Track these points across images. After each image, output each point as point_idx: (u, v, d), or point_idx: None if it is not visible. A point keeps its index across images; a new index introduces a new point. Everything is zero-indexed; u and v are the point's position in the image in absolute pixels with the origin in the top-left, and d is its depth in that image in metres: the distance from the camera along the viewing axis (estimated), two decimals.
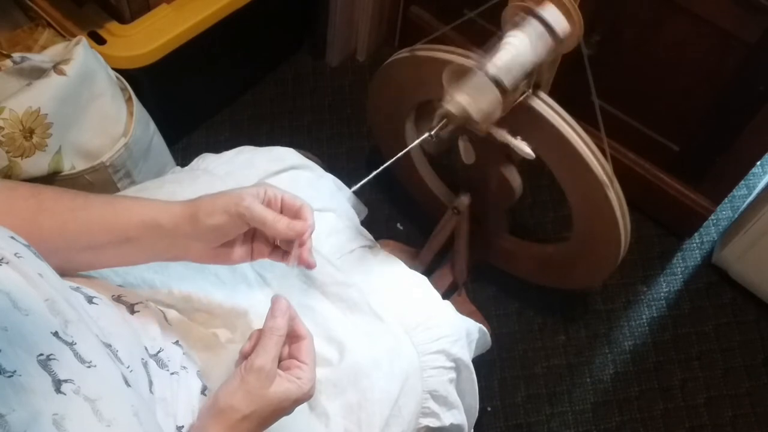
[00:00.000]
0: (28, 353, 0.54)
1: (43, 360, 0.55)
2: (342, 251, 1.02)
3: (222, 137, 1.74)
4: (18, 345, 0.53)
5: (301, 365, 0.71)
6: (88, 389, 0.56)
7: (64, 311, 0.60)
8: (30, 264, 0.60)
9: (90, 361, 0.58)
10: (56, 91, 1.13)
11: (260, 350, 0.69)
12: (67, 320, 0.60)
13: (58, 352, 0.56)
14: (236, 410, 0.67)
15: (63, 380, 0.55)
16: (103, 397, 0.56)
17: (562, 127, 1.07)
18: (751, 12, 1.20)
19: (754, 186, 1.76)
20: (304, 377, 0.70)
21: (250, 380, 0.67)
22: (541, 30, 0.97)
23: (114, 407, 0.57)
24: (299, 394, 0.69)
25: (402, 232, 1.67)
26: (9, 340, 0.53)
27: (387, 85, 1.32)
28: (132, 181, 1.29)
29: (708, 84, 1.37)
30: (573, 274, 1.39)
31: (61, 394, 0.54)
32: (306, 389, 0.70)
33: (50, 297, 0.59)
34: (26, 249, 0.61)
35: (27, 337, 0.55)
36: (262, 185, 0.75)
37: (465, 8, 1.54)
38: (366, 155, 1.75)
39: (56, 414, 0.52)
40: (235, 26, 1.54)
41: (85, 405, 0.55)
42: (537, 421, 1.49)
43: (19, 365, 0.52)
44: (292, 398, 0.69)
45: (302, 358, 0.72)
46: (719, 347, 1.58)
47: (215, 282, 0.90)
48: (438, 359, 0.95)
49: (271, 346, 0.69)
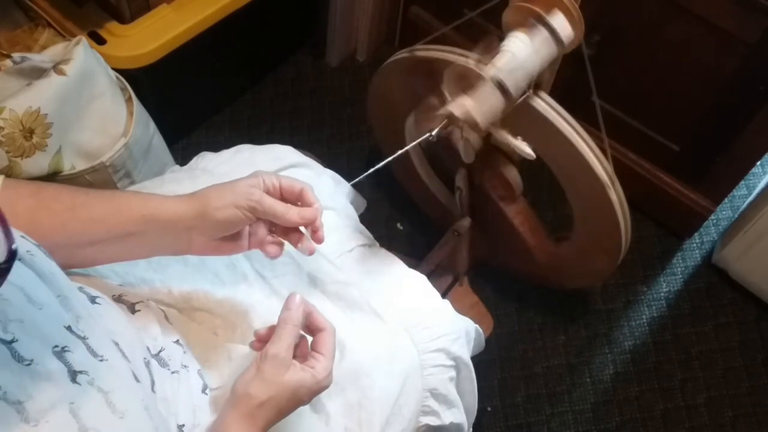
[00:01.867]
0: (43, 344, 0.55)
1: (58, 351, 0.56)
2: (342, 250, 1.02)
3: (222, 137, 1.74)
4: (34, 336, 0.54)
5: (316, 355, 0.72)
6: (101, 381, 0.57)
7: (76, 307, 0.61)
8: (41, 262, 0.61)
9: (102, 356, 0.60)
10: (56, 91, 1.12)
11: (274, 339, 0.70)
12: (79, 316, 0.61)
13: (72, 345, 0.57)
14: (253, 397, 0.68)
15: (78, 371, 0.56)
16: (115, 390, 0.58)
17: (562, 127, 1.06)
18: (751, 12, 1.21)
19: (754, 186, 1.76)
20: (318, 367, 0.71)
21: (265, 368, 0.69)
22: (546, 35, 0.97)
23: (126, 400, 0.58)
24: (312, 383, 0.70)
25: (402, 232, 1.67)
26: (25, 331, 0.54)
27: (387, 85, 1.32)
28: (132, 181, 1.29)
29: (708, 84, 1.37)
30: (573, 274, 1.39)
31: (76, 384, 0.55)
32: (320, 378, 0.71)
33: (62, 293, 0.61)
34: (37, 248, 0.62)
35: (42, 329, 0.56)
36: (258, 174, 0.76)
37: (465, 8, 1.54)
38: (366, 155, 1.75)
39: (72, 403, 0.53)
40: (235, 26, 1.54)
41: (99, 396, 0.56)
42: (537, 421, 1.48)
43: (36, 355, 0.53)
44: (306, 386, 0.70)
45: (318, 349, 0.73)
46: (719, 347, 1.58)
47: (215, 281, 0.90)
48: (438, 357, 0.95)
49: (285, 335, 0.70)
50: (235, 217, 0.73)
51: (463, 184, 1.26)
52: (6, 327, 0.53)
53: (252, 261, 0.93)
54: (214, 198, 0.73)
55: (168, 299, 0.86)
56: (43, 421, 0.51)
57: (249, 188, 0.74)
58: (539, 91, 1.06)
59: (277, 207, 0.74)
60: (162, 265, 0.88)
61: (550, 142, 1.10)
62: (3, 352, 0.52)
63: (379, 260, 1.04)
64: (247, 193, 0.73)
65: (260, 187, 0.75)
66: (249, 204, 0.73)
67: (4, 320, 0.53)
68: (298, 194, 0.77)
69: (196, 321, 0.87)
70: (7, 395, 0.50)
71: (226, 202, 0.73)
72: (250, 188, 0.74)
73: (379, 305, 0.95)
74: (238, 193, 0.73)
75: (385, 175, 0.95)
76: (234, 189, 0.74)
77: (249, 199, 0.73)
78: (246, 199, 0.73)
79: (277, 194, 0.76)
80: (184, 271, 0.89)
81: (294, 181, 0.77)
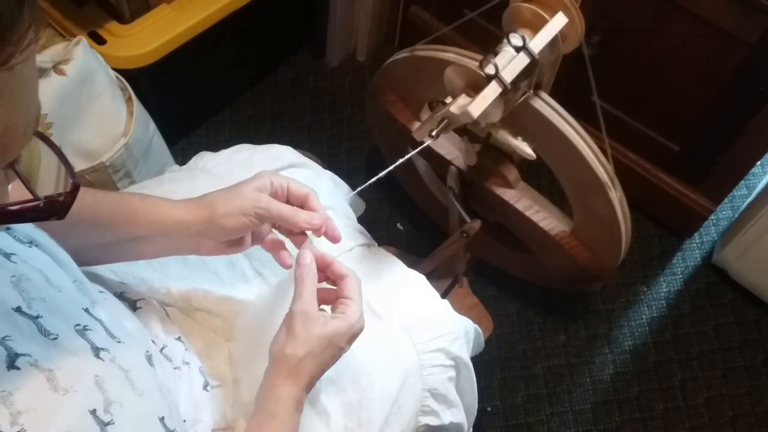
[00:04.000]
0: (66, 322, 0.57)
1: (80, 329, 0.58)
2: (341, 249, 1.02)
3: (222, 137, 1.74)
4: (56, 314, 0.56)
5: (345, 301, 0.73)
6: (121, 360, 0.59)
7: (91, 292, 0.64)
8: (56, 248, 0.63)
9: (118, 338, 0.61)
10: (56, 91, 1.13)
11: (295, 297, 0.71)
12: (94, 301, 0.63)
13: (92, 325, 0.59)
14: (290, 356, 0.69)
15: (100, 348, 0.58)
16: (133, 369, 0.59)
17: (563, 127, 1.06)
18: (751, 12, 1.20)
19: (754, 186, 1.76)
20: (349, 311, 0.72)
21: (295, 326, 0.69)
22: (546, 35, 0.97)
23: (143, 380, 0.60)
24: (346, 327, 0.71)
25: (402, 232, 1.67)
26: (48, 310, 0.56)
27: (387, 86, 1.32)
28: (132, 181, 1.29)
29: (708, 84, 1.37)
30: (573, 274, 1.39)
31: (99, 359, 0.57)
32: (353, 321, 0.71)
33: (78, 278, 0.63)
34: (49, 237, 0.64)
35: (63, 309, 0.58)
36: (266, 174, 0.76)
37: (465, 8, 1.54)
38: (366, 155, 1.75)
39: (97, 376, 0.55)
40: (236, 26, 1.54)
41: (120, 373, 0.58)
42: (537, 421, 1.49)
43: (60, 331, 0.55)
44: (341, 332, 0.71)
45: (345, 295, 0.73)
46: (719, 347, 1.58)
47: (214, 280, 0.90)
48: (437, 357, 0.95)
49: (305, 289, 0.71)
50: (242, 225, 0.74)
51: (454, 183, 1.27)
52: (30, 304, 0.55)
53: (251, 260, 0.93)
54: (221, 204, 0.73)
55: (167, 299, 0.86)
56: (71, 390, 0.52)
57: (256, 194, 0.74)
58: (539, 91, 1.06)
59: (285, 211, 0.74)
60: (161, 264, 0.88)
61: (550, 142, 1.10)
62: (30, 327, 0.53)
63: (379, 260, 1.04)
64: (254, 200, 0.73)
65: (268, 189, 0.75)
66: (256, 212, 0.73)
67: (27, 298, 0.55)
68: (304, 198, 0.77)
69: (196, 320, 0.87)
70: (38, 362, 0.52)
71: (233, 209, 0.73)
72: (257, 194, 0.74)
73: (379, 305, 0.95)
74: (245, 198, 0.73)
75: (386, 176, 0.95)
76: (241, 194, 0.74)
77: (256, 206, 0.73)
78: (253, 206, 0.73)
79: (284, 196, 0.77)
80: (184, 271, 0.89)
81: (302, 185, 0.77)
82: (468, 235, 1.24)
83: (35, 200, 0.43)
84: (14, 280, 0.55)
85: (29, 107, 0.40)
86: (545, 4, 0.97)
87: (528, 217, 1.26)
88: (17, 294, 0.55)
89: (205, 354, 0.83)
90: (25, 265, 0.58)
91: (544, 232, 1.26)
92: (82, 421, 0.52)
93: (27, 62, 0.38)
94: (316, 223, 0.75)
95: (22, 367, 0.50)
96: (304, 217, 0.75)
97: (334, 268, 0.75)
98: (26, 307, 0.54)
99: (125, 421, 0.55)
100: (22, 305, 0.54)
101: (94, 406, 0.53)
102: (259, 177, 0.76)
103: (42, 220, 0.45)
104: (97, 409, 0.53)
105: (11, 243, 0.59)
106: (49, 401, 0.51)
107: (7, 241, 0.59)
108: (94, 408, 0.53)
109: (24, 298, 0.55)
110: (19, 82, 0.38)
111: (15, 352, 0.51)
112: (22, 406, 0.49)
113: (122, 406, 0.55)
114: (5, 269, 0.56)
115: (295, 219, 0.74)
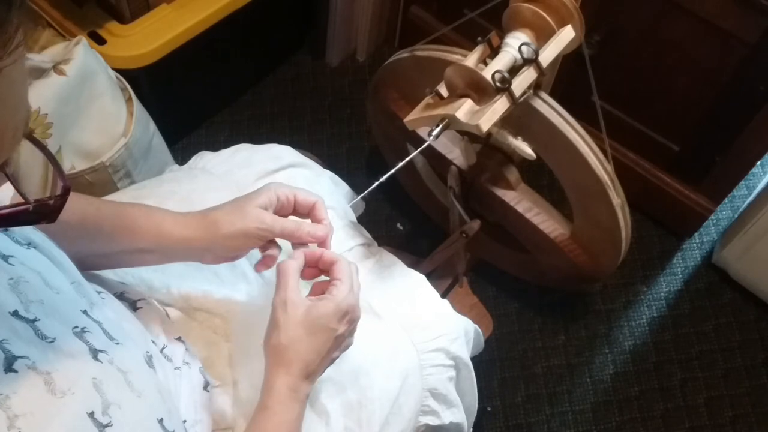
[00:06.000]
0: (64, 325, 0.57)
1: (78, 332, 0.57)
2: (340, 249, 1.02)
3: (222, 137, 1.74)
4: (54, 317, 0.56)
5: (334, 282, 0.73)
6: (120, 362, 0.59)
7: (89, 294, 0.64)
8: (54, 250, 0.63)
9: (117, 339, 0.61)
10: (56, 91, 1.13)
11: (277, 289, 0.71)
12: (92, 302, 0.63)
13: (90, 327, 0.59)
14: (276, 346, 0.69)
15: (98, 350, 0.58)
16: (132, 371, 0.59)
17: (563, 127, 1.06)
18: (751, 12, 1.20)
19: (754, 186, 1.76)
20: (334, 290, 0.72)
21: (279, 316, 0.70)
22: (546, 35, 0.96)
23: (142, 381, 0.60)
24: (333, 307, 0.71)
25: (402, 232, 1.67)
26: (46, 312, 0.56)
27: (389, 83, 1.31)
28: (132, 181, 1.29)
29: (708, 84, 1.37)
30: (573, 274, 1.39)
31: (97, 361, 0.57)
32: (338, 300, 0.71)
33: (76, 280, 0.63)
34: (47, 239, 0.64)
35: (61, 311, 0.58)
36: (272, 187, 0.76)
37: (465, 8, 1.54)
38: (366, 155, 1.75)
39: (95, 378, 0.55)
40: (235, 26, 1.54)
41: (119, 375, 0.58)
42: (537, 421, 1.49)
43: (57, 334, 0.55)
44: (328, 313, 0.70)
45: (335, 276, 0.74)
46: (719, 347, 1.58)
47: (214, 280, 0.90)
48: (437, 357, 0.95)
49: (286, 280, 0.71)
50: (244, 245, 0.75)
51: (454, 183, 1.27)
52: (27, 307, 0.55)
53: (252, 260, 0.93)
54: (224, 225, 0.74)
55: (167, 299, 0.86)
56: (69, 393, 0.52)
57: (260, 213, 0.74)
58: (539, 91, 1.06)
59: (288, 228, 0.75)
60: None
61: (550, 142, 1.10)
62: (27, 330, 0.53)
63: (378, 260, 1.04)
64: (258, 221, 0.73)
65: (273, 204, 0.75)
66: (259, 233, 0.74)
67: (25, 301, 0.55)
68: (311, 207, 0.78)
69: (196, 320, 0.87)
70: (36, 365, 0.51)
71: (236, 231, 0.73)
72: (260, 213, 0.74)
73: (378, 305, 0.95)
74: (248, 219, 0.73)
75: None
76: (244, 213, 0.74)
77: (259, 227, 0.73)
78: (257, 228, 0.73)
79: (291, 207, 0.77)
80: (184, 270, 0.89)
81: (309, 195, 0.78)
82: (468, 235, 1.25)
83: (25, 204, 0.43)
84: (12, 282, 0.55)
85: (19, 109, 0.40)
86: (545, 5, 0.97)
87: (528, 219, 1.26)
88: (15, 297, 0.55)
89: (205, 354, 0.83)
90: (23, 267, 0.58)
91: (543, 234, 1.26)
92: (80, 424, 0.52)
93: (15, 64, 0.37)
94: (320, 235, 0.76)
95: (19, 370, 0.50)
96: (308, 230, 0.76)
97: (325, 257, 0.75)
98: (23, 310, 0.54)
99: (124, 422, 0.55)
100: (20, 308, 0.54)
101: (93, 409, 0.53)
102: (265, 191, 0.76)
103: (33, 223, 0.45)
104: (96, 412, 0.53)
105: (9, 245, 0.59)
106: (46, 404, 0.50)
107: (6, 243, 0.59)
108: (93, 410, 0.53)
109: (22, 300, 0.55)
110: (7, 85, 0.38)
111: (12, 354, 0.51)
112: (19, 409, 0.48)
113: (121, 408, 0.55)
114: (3, 272, 0.56)
115: (299, 234, 0.75)
